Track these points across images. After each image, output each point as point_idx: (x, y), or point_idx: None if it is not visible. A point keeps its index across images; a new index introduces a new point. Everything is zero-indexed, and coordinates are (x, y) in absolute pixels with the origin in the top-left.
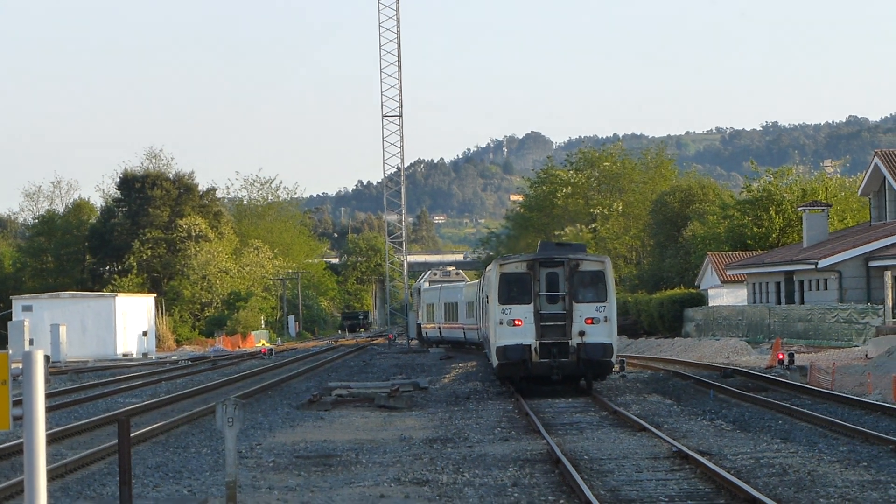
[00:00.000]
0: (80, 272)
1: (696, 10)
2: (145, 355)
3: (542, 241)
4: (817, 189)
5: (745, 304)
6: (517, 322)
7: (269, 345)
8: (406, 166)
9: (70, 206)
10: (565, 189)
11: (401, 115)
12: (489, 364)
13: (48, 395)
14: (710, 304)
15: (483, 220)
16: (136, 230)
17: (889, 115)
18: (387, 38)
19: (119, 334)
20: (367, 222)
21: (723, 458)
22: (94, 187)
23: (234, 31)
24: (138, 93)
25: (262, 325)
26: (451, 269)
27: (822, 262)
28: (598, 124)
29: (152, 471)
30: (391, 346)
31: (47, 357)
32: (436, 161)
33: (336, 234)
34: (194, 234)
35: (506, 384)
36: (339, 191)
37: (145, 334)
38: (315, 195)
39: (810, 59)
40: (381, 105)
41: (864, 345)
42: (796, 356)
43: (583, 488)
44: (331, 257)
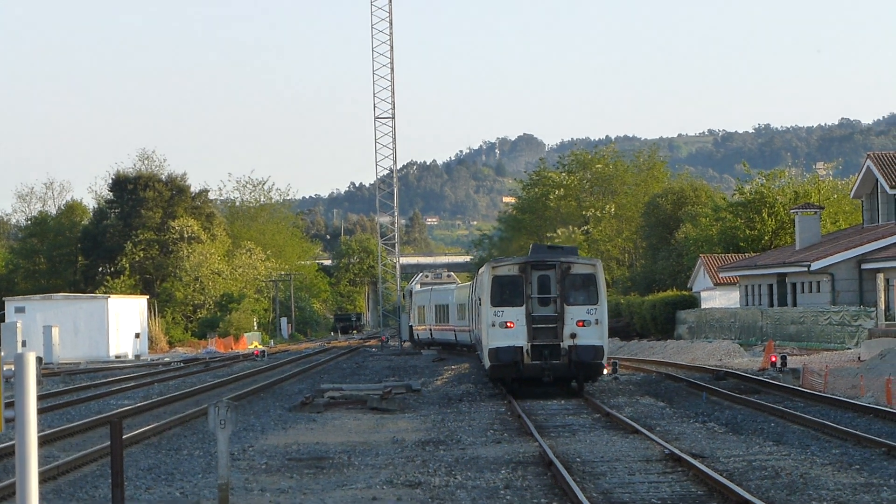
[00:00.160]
0: (73, 274)
1: (688, 12)
2: (138, 357)
3: (534, 243)
4: (810, 191)
5: (738, 306)
6: (509, 324)
7: (261, 347)
8: (399, 168)
9: (62, 207)
10: (558, 191)
11: (393, 117)
12: (481, 366)
13: (40, 397)
14: (702, 307)
15: (475, 222)
16: (128, 232)
17: (881, 118)
18: (379, 40)
19: (112, 336)
20: (359, 224)
21: (715, 460)
22: (87, 189)
23: (227, 32)
24: (131, 94)
25: (255, 327)
26: (443, 271)
27: (815, 265)
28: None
29: (145, 473)
30: (384, 348)
31: (39, 359)
32: (428, 163)
33: (328, 236)
34: (187, 235)
35: (498, 386)
36: (332, 192)
37: (138, 336)
38: (307, 197)
39: (803, 61)
40: (374, 107)
41: (856, 347)
42: (789, 358)
43: (575, 491)
44: (323, 259)
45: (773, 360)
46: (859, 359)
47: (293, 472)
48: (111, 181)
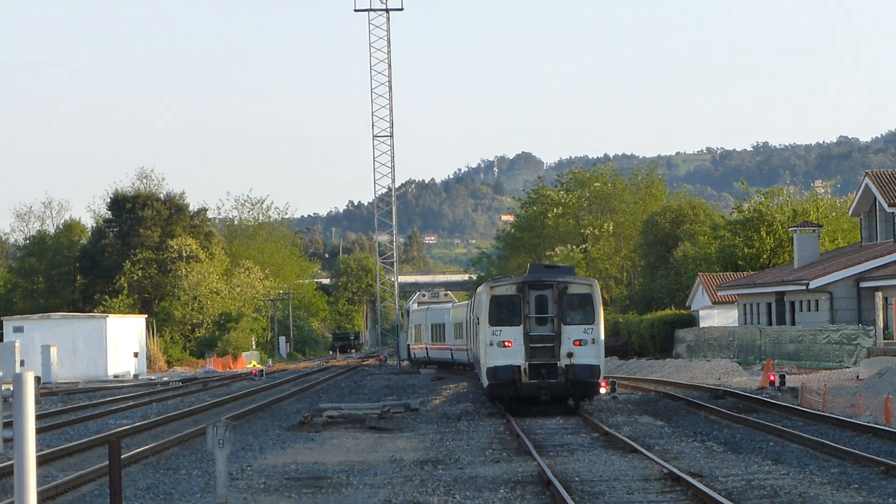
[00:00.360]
0: (71, 293)
1: (687, 31)
2: (136, 376)
3: (532, 263)
4: (808, 209)
5: (736, 325)
6: (507, 343)
7: (259, 366)
8: (397, 187)
9: (61, 226)
10: (556, 209)
11: (392, 136)
12: (480, 384)
13: (39, 417)
14: (700, 325)
15: (474, 241)
16: (126, 251)
17: (879, 136)
18: (377, 59)
19: (110, 355)
20: (357, 243)
21: (714, 479)
22: (85, 208)
23: (225, 51)
24: (129, 113)
25: (253, 346)
26: (440, 290)
27: (813, 283)
28: (589, 145)
29: (143, 492)
30: (382, 367)
31: (38, 378)
32: (427, 181)
33: (327, 255)
34: (185, 254)
35: (496, 405)
36: (330, 211)
37: (136, 355)
38: (306, 215)
39: (801, 79)
40: (372, 125)
41: (855, 366)
42: (787, 377)
43: None
44: (322, 278)
45: (772, 378)
46: (858, 377)
47: (292, 492)
48: (109, 200)
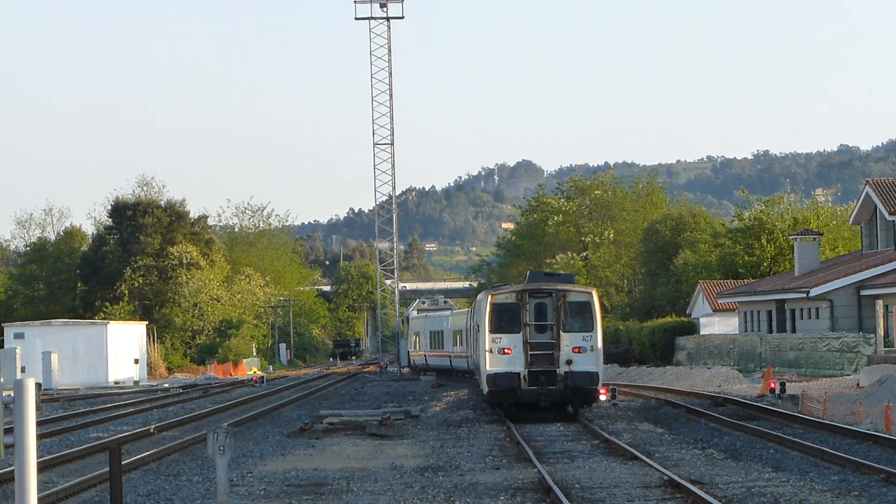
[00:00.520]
0: (72, 300)
1: (688, 39)
2: (137, 383)
3: (531, 271)
4: (809, 218)
5: (737, 332)
6: (507, 350)
7: (260, 372)
8: (398, 194)
9: (61, 233)
10: (556, 217)
11: (392, 143)
12: (480, 391)
13: (40, 423)
14: (701, 333)
15: (474, 248)
16: (127, 258)
17: (880, 145)
18: (378, 67)
19: (111, 362)
20: (358, 250)
21: (714, 486)
22: (86, 215)
23: (227, 60)
24: (130, 120)
25: (254, 353)
26: (440, 297)
27: (814, 291)
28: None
29: (143, 499)
30: (383, 374)
31: (39, 385)
32: (427, 189)
33: (327, 262)
34: (186, 261)
35: (497, 412)
36: (331, 218)
37: (137, 362)
38: (306, 223)
39: (802, 88)
40: (373, 133)
41: (855, 374)
42: (788, 385)
43: None
44: (322, 285)
45: (772, 386)
46: (858, 385)
47: (292, 498)
48: (110, 207)
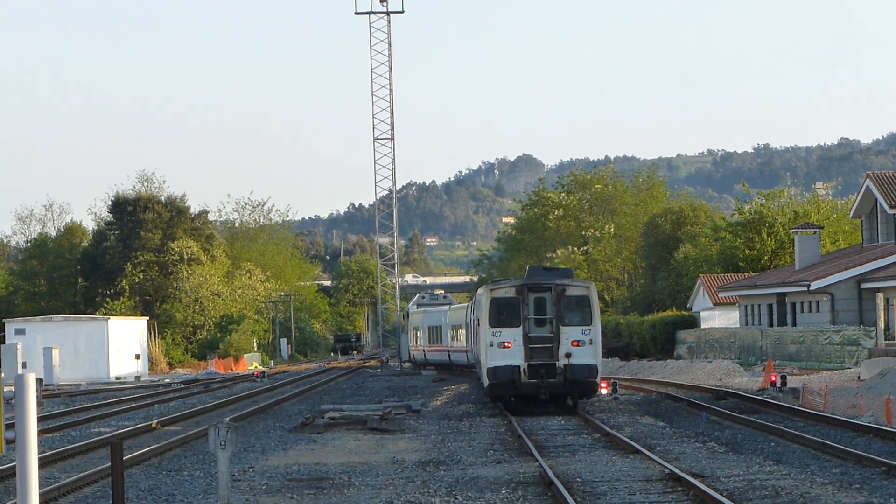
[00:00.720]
0: (73, 295)
1: (687, 32)
2: (138, 378)
3: (531, 266)
4: (809, 211)
5: (738, 326)
6: (507, 344)
7: (261, 368)
8: (398, 189)
9: (62, 229)
10: (557, 211)
11: (392, 138)
12: (480, 384)
13: (41, 419)
14: (702, 327)
15: (475, 243)
16: (128, 253)
17: (881, 138)
18: (378, 61)
19: (112, 357)
20: (358, 245)
21: (715, 480)
22: (86, 210)
23: (226, 54)
24: (130, 116)
25: (255, 348)
26: (439, 292)
27: (815, 285)
28: (590, 147)
29: (145, 494)
30: (384, 369)
31: (40, 380)
32: (427, 184)
33: (328, 257)
34: (186, 256)
35: (498, 406)
36: (331, 213)
37: (138, 357)
38: (307, 218)
39: (802, 81)
40: (373, 127)
41: (856, 367)
42: (789, 378)
43: None
44: (323, 280)
45: (773, 379)
46: (859, 378)
47: (293, 493)
48: (111, 203)
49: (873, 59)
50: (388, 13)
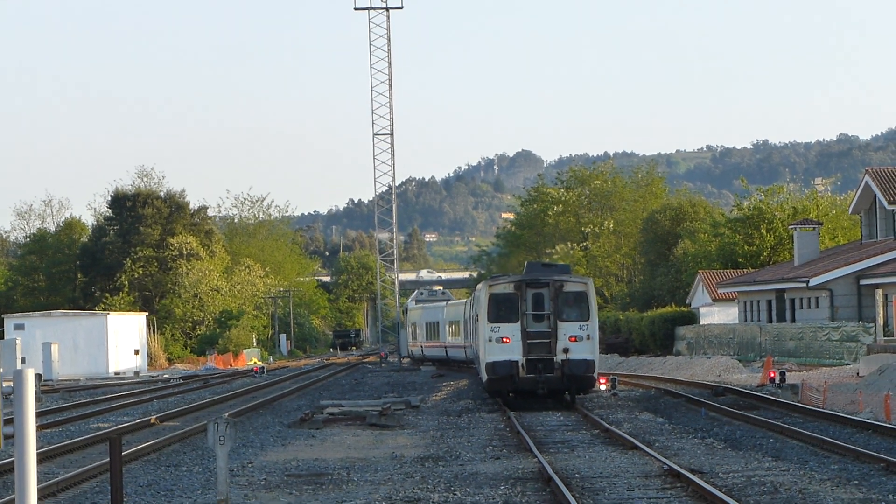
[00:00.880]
0: (72, 291)
1: (687, 28)
2: (137, 374)
3: (529, 262)
4: (808, 207)
5: (737, 322)
6: (505, 339)
7: (260, 363)
8: (397, 184)
9: (61, 224)
10: (556, 207)
11: (392, 134)
12: (479, 380)
13: (40, 414)
14: (701, 323)
15: (474, 239)
16: (127, 249)
17: (880, 134)
18: (377, 57)
19: (111, 353)
20: (358, 240)
21: (714, 476)
22: (86, 206)
23: (225, 49)
24: (130, 111)
25: (254, 344)
26: (438, 288)
27: (814, 281)
28: (589, 142)
29: (144, 489)
30: (383, 365)
31: (39, 375)
32: (427, 179)
33: (327, 253)
34: (185, 252)
35: (497, 401)
36: (331, 209)
37: (137, 353)
38: (306, 213)
39: (801, 77)
40: (372, 123)
41: (855, 363)
42: (788, 374)
43: None
44: (322, 275)
45: (772, 375)
46: (858, 374)
47: (292, 488)
48: (110, 198)
49: (872, 55)
50: (387, 9)
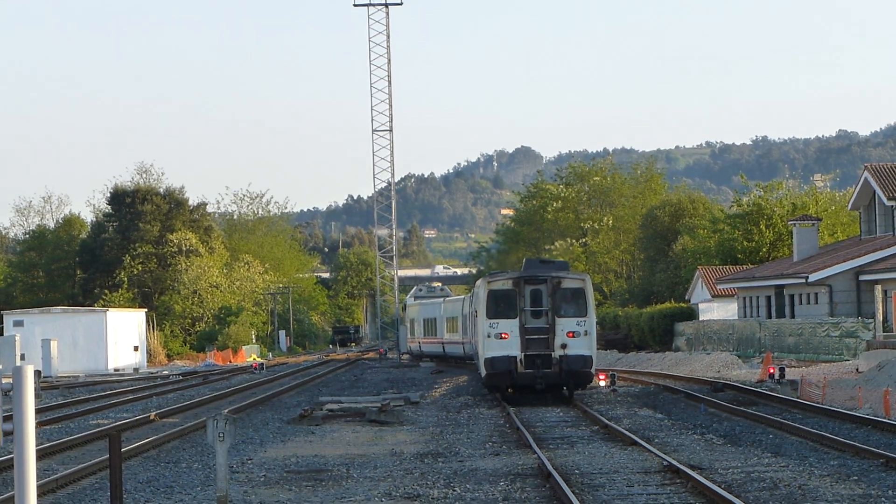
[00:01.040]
0: (71, 287)
1: (686, 25)
2: (136, 370)
3: (527, 258)
4: (807, 203)
5: (736, 318)
6: (504, 335)
7: (259, 359)
8: (397, 181)
9: (60, 221)
10: (555, 203)
11: (391, 130)
12: (478, 375)
13: (39, 410)
14: (700, 319)
15: (473, 235)
16: (126, 245)
17: (879, 130)
18: (377, 53)
19: (110, 349)
20: (357, 237)
21: (714, 472)
22: (85, 202)
23: (225, 46)
24: (129, 108)
25: (253, 340)
26: (437, 284)
27: (813, 277)
28: (588, 139)
29: (143, 486)
30: (382, 361)
31: (38, 372)
32: (426, 176)
33: (327, 249)
34: (185, 248)
35: (496, 397)
36: (330, 205)
37: (136, 349)
38: (305, 210)
39: (800, 73)
40: (372, 119)
41: (854, 359)
42: (787, 370)
43: (574, 503)
44: (321, 272)
45: (772, 371)
46: (857, 370)
47: (292, 485)
48: (109, 195)
49: (871, 51)
50: (386, 5)
